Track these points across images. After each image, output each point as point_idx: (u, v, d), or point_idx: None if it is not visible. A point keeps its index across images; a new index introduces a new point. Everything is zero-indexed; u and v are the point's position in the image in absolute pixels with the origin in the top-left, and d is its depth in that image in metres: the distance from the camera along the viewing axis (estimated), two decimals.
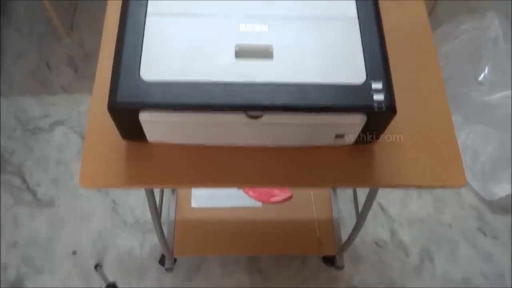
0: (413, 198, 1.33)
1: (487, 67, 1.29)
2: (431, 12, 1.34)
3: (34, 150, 1.36)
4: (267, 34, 0.54)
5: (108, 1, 0.69)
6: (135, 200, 1.29)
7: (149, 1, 0.56)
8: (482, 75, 1.31)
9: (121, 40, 0.54)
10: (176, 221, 1.14)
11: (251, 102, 0.51)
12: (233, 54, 0.53)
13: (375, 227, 1.28)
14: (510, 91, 1.25)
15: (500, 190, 1.26)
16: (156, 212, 0.85)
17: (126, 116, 0.52)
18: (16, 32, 1.55)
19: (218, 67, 0.52)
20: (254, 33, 0.54)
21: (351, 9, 0.57)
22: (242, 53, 0.53)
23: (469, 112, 1.30)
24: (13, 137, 1.37)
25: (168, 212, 1.15)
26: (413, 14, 0.72)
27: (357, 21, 0.56)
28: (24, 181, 1.31)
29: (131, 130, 0.56)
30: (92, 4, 1.61)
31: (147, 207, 0.82)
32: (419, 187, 0.63)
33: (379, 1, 0.58)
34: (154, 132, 0.56)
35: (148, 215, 0.90)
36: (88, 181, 0.58)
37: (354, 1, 0.57)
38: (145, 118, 0.52)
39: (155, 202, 0.82)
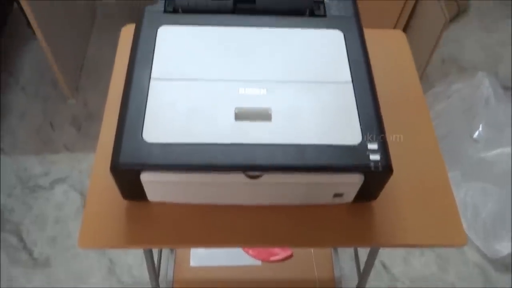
0: (415, 256, 1.31)
1: (481, 125, 1.32)
2: (421, 76, 1.40)
3: (33, 208, 1.35)
4: (266, 97, 0.57)
5: (114, 67, 0.72)
6: (133, 259, 1.27)
7: (153, 67, 0.59)
8: (477, 132, 1.34)
9: (125, 103, 0.56)
10: (175, 281, 1.11)
11: (250, 163, 0.52)
12: (233, 116, 0.55)
13: (378, 287, 1.25)
14: (506, 148, 1.27)
15: (503, 248, 1.24)
16: (154, 272, 0.83)
17: (127, 176, 0.53)
18: (22, 93, 1.59)
19: (219, 129, 0.54)
20: (253, 96, 0.57)
21: (346, 74, 0.59)
22: (241, 115, 0.55)
23: (466, 169, 1.31)
24: (13, 195, 1.37)
25: (166, 271, 1.13)
26: (405, 77, 0.75)
27: (351, 85, 0.58)
28: (21, 239, 1.30)
29: (132, 190, 0.56)
30: (98, 67, 1.67)
31: (145, 266, 0.81)
32: (419, 246, 0.62)
33: (372, 66, 0.61)
34: (155, 192, 0.57)
35: (145, 274, 0.88)
36: (87, 242, 0.58)
37: (348, 67, 0.60)
38: (147, 178, 0.53)
39: (153, 261, 0.81)
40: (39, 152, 1.46)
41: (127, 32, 0.76)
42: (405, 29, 1.43)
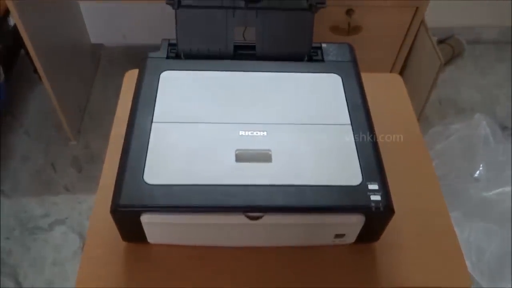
0: None
1: (481, 165, 1.32)
2: (420, 117, 1.42)
3: (31, 250, 1.34)
4: (266, 139, 0.57)
5: (117, 110, 0.74)
6: None
7: (155, 110, 0.60)
8: (478, 172, 1.34)
9: (127, 145, 0.57)
10: None
11: (250, 204, 0.52)
12: (233, 158, 0.55)
13: None
14: (507, 187, 1.27)
15: None
16: None
17: (128, 218, 0.53)
18: (25, 135, 1.61)
19: (219, 170, 0.54)
20: (254, 138, 0.57)
21: (344, 116, 0.61)
22: (242, 157, 0.55)
23: (468, 208, 1.31)
24: (12, 237, 1.36)
25: None
26: (403, 118, 0.76)
27: (350, 126, 0.59)
28: (17, 282, 1.27)
29: (132, 232, 0.56)
30: (100, 110, 1.70)
31: None
32: None
33: (370, 108, 0.62)
34: (155, 233, 0.57)
35: None
36: (85, 284, 0.57)
37: (347, 109, 0.61)
38: (147, 220, 0.53)
39: None
40: (39, 193, 1.46)
41: (130, 77, 0.78)
42: (401, 72, 1.47)
